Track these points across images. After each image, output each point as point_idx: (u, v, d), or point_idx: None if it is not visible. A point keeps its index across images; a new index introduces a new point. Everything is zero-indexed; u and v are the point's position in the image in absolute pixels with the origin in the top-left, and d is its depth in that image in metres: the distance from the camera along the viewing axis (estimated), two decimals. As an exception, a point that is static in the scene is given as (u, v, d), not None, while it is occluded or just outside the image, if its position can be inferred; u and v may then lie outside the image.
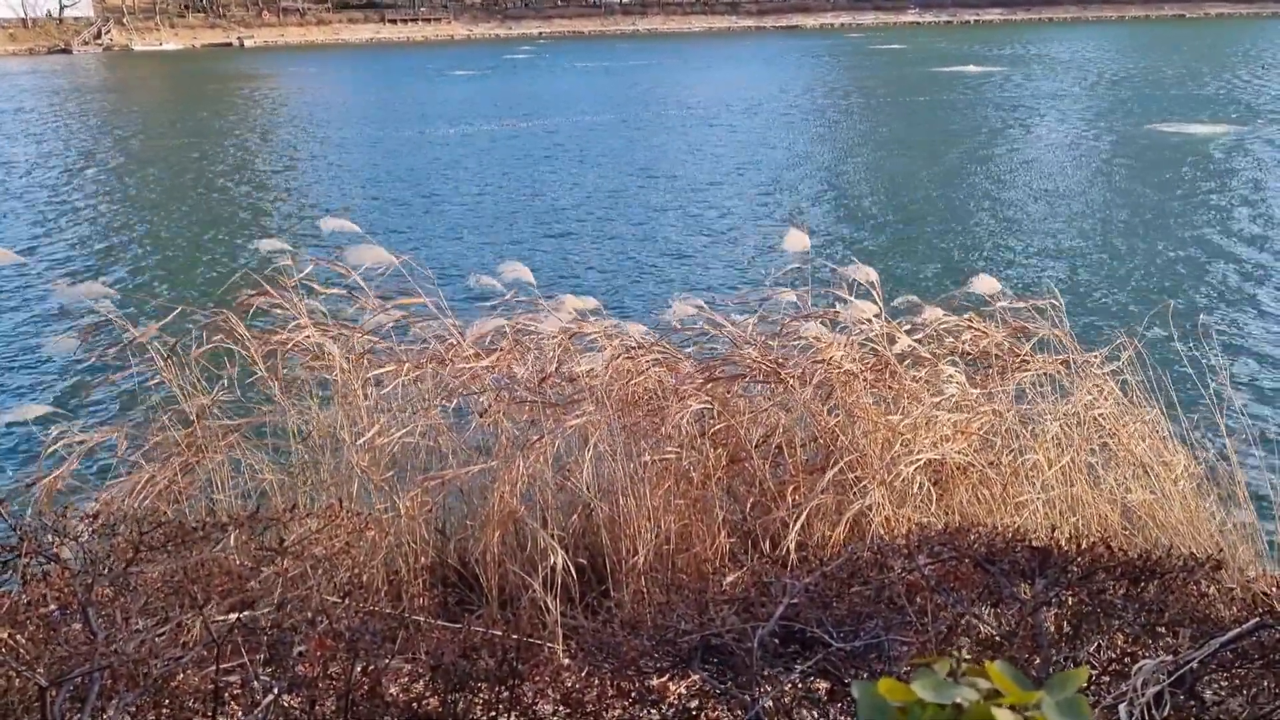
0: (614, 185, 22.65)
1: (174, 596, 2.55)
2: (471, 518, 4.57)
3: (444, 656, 2.67)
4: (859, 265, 5.16)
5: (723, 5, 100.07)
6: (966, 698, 0.98)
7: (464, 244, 17.60)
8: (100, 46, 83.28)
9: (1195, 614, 2.69)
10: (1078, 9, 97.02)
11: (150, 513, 3.61)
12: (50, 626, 2.49)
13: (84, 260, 17.33)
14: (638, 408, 4.56)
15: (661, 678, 2.87)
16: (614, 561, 4.24)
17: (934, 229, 17.91)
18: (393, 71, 60.70)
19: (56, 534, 2.67)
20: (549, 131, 31.87)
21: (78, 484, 4.28)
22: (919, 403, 4.57)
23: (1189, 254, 15.63)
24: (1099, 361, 5.00)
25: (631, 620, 3.25)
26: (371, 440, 4.44)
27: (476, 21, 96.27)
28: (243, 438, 4.62)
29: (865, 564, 2.88)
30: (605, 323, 5.07)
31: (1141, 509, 4.59)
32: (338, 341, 4.72)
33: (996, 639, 2.63)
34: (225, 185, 24.37)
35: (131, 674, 2.32)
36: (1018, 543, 2.86)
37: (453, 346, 4.78)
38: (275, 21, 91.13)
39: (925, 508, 4.32)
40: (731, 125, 32.11)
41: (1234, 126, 28.14)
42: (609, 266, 16.00)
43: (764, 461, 4.54)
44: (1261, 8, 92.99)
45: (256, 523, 2.98)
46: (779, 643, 2.70)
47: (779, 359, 4.76)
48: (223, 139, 32.06)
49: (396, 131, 32.71)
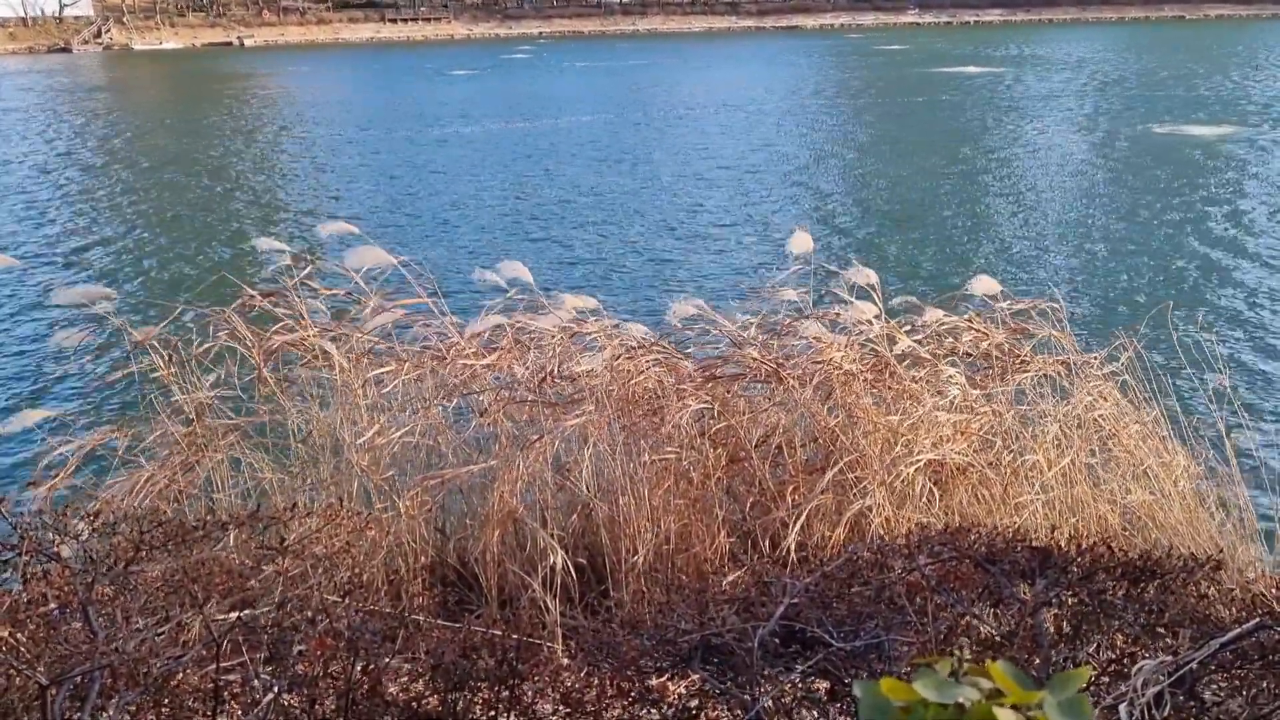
0: (614, 185, 22.65)
1: (174, 595, 2.55)
2: (471, 517, 4.58)
3: (444, 656, 2.67)
4: (859, 267, 5.16)
5: (723, 5, 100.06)
6: (969, 697, 0.98)
7: (463, 243, 17.60)
8: (100, 46, 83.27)
9: (1195, 614, 2.69)
10: (1077, 10, 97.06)
11: (150, 512, 3.61)
12: (50, 625, 2.49)
13: (83, 261, 17.32)
14: (637, 407, 4.56)
15: (661, 677, 2.87)
16: (614, 561, 4.24)
17: (933, 230, 17.91)
18: (392, 71, 60.70)
19: (57, 533, 2.66)
20: (548, 131, 31.88)
21: (78, 483, 4.28)
22: (919, 403, 4.57)
23: (1189, 255, 15.63)
24: (1099, 362, 5.00)
25: (631, 620, 3.26)
26: (371, 440, 4.44)
27: (476, 21, 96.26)
28: (243, 437, 4.62)
29: (865, 564, 2.88)
30: (605, 322, 5.06)
31: (1141, 510, 4.59)
32: (338, 341, 4.72)
33: (997, 639, 2.63)
34: (224, 185, 24.36)
35: (132, 673, 2.32)
36: (1018, 543, 2.86)
37: (453, 346, 4.78)
38: (275, 21, 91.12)
39: (925, 508, 4.32)
40: (731, 126, 32.12)
41: (1234, 127, 28.15)
42: (609, 266, 16.00)
43: (764, 462, 4.54)
44: (1261, 9, 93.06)
45: (257, 521, 2.98)
46: (779, 642, 2.70)
47: (779, 359, 4.76)
48: (222, 139, 32.05)
49: (396, 131, 32.71)
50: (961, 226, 18.10)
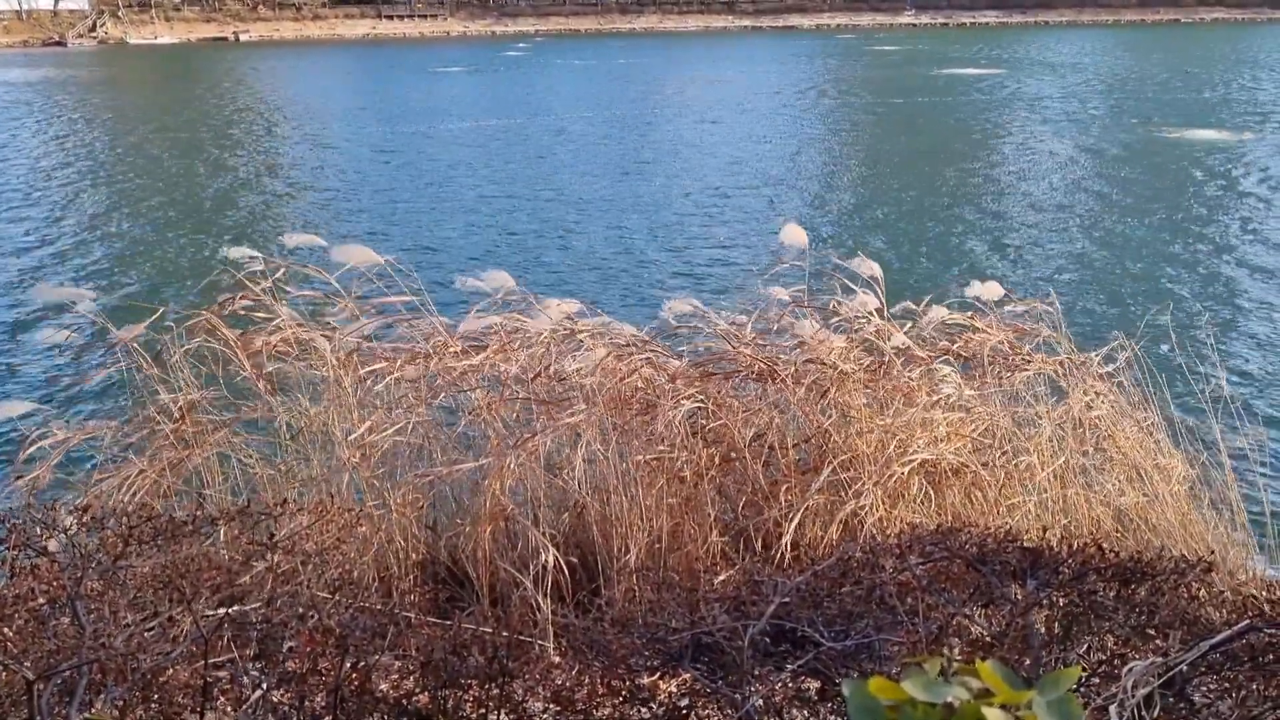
0: (606, 183, 22.64)
1: (163, 591, 2.54)
2: (462, 515, 4.56)
3: (434, 653, 2.66)
4: (863, 258, 5.15)
5: (719, 5, 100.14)
6: (958, 697, 0.97)
7: (454, 242, 17.55)
8: (95, 40, 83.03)
9: (1186, 616, 2.69)
10: (1073, 12, 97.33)
11: (139, 507, 3.59)
12: (38, 620, 2.48)
13: (66, 258, 17.18)
14: (629, 406, 4.55)
15: (652, 676, 2.87)
16: (605, 560, 4.23)
17: (929, 231, 17.93)
18: (388, 68, 60.62)
19: (45, 527, 2.65)
20: (542, 129, 31.85)
21: (65, 478, 4.26)
22: (914, 402, 4.56)
23: (1185, 258, 15.67)
24: (1095, 364, 5.00)
25: (622, 618, 3.25)
26: (361, 437, 4.42)
27: (473, 18, 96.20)
28: (232, 434, 4.60)
29: (857, 563, 2.87)
30: (594, 320, 5.05)
31: (1134, 512, 4.60)
32: (330, 340, 4.69)
33: (987, 639, 2.63)
34: (217, 183, 24.29)
35: (120, 668, 2.31)
36: (1009, 543, 2.86)
37: (444, 344, 4.76)
38: (271, 16, 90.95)
39: (918, 509, 4.32)
40: (726, 124, 32.11)
41: (1229, 131, 28.21)
42: (602, 264, 15.98)
43: (756, 461, 4.53)
44: (1256, 13, 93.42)
45: (247, 517, 2.97)
46: (770, 641, 2.70)
47: (772, 357, 4.75)
48: (215, 136, 31.98)
49: (389, 128, 32.65)
50: (956, 228, 18.12)
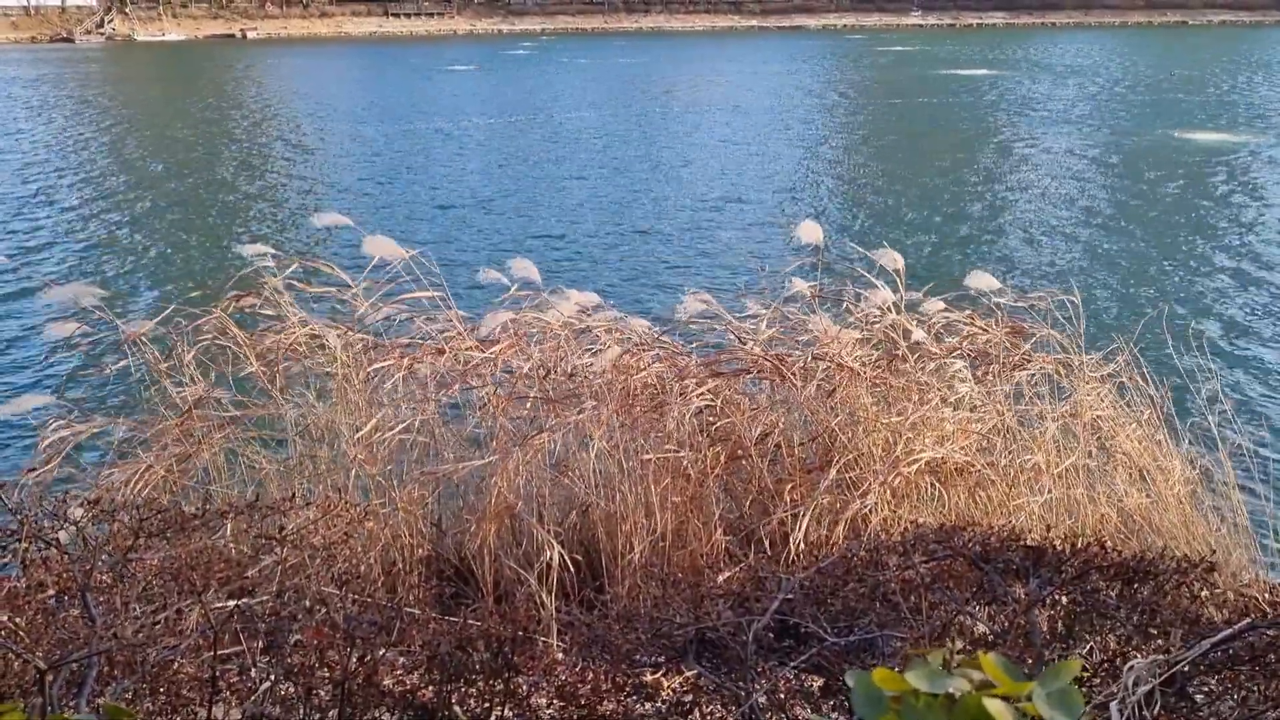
0: (617, 180, 22.65)
1: (172, 583, 2.56)
2: (469, 512, 4.57)
3: (439, 648, 2.68)
4: (887, 249, 5.16)
5: (726, 4, 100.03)
6: (959, 688, 0.99)
7: (467, 239, 17.59)
8: (103, 36, 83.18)
9: (1187, 616, 2.70)
10: (1080, 14, 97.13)
11: (149, 501, 3.62)
12: (49, 611, 2.50)
13: (78, 254, 17.25)
14: (638, 404, 4.56)
15: (656, 672, 2.88)
16: (610, 557, 4.25)
17: (935, 230, 17.92)
18: (394, 66, 60.65)
19: (56, 520, 2.67)
20: (550, 127, 31.88)
21: (75, 472, 4.28)
22: (925, 401, 4.55)
23: (1188, 259, 15.65)
24: (1097, 363, 5.00)
25: (626, 614, 3.26)
26: (369, 434, 4.44)
27: (479, 16, 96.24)
28: (240, 430, 4.62)
29: (861, 561, 2.89)
30: (607, 315, 5.06)
31: (1138, 513, 4.60)
32: (341, 337, 4.71)
33: (990, 637, 2.64)
34: (224, 180, 24.35)
35: (129, 660, 2.33)
36: (1012, 542, 2.87)
37: (454, 340, 4.77)
38: (278, 13, 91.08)
39: (923, 509, 4.33)
40: (734, 123, 32.12)
41: (1235, 133, 28.17)
42: (615, 261, 16.00)
43: (762, 460, 4.54)
44: (1265, 15, 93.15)
45: (255, 511, 2.99)
46: (773, 638, 2.71)
47: (782, 355, 4.75)
48: (222, 134, 32.03)
49: (396, 126, 32.70)
50: (961, 227, 18.11)
